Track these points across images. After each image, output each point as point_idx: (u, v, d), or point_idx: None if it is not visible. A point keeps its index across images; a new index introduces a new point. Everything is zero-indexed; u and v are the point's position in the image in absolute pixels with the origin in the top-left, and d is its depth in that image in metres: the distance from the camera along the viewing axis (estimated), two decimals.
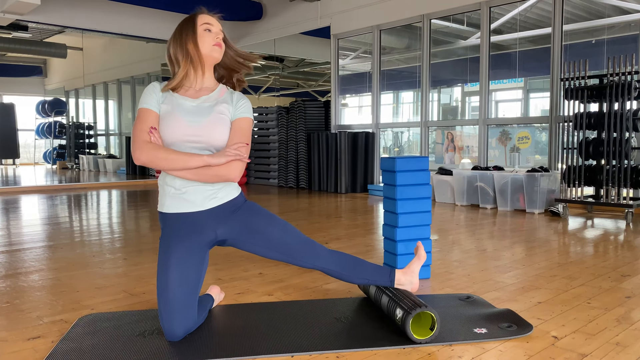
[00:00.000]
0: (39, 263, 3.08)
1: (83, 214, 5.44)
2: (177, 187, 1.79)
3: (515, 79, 7.98)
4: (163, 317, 1.77)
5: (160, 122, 1.79)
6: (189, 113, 1.80)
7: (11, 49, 11.96)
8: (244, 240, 1.87)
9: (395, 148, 8.48)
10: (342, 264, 1.97)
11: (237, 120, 1.84)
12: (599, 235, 4.04)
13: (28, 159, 16.17)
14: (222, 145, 1.81)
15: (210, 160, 1.73)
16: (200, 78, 1.89)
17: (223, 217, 1.84)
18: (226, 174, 1.76)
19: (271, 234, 1.89)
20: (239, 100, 1.88)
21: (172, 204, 1.81)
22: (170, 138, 1.77)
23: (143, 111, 1.80)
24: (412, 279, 2.04)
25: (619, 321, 2.00)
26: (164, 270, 1.78)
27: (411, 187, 2.63)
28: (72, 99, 15.33)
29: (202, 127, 1.78)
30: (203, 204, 1.81)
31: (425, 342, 1.76)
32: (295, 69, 10.30)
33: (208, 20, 1.88)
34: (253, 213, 1.90)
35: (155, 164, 1.73)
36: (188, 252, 1.80)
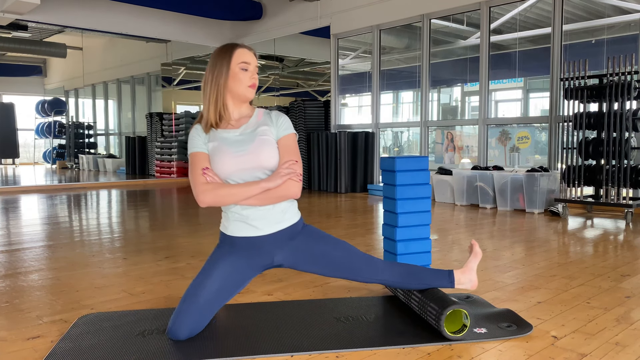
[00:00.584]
0: (38, 263, 3.08)
1: (83, 214, 5.44)
2: (241, 212, 1.85)
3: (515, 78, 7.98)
4: (177, 315, 1.78)
5: (212, 160, 1.84)
6: (235, 144, 1.84)
7: (11, 48, 11.96)
8: (303, 264, 1.93)
9: (395, 148, 8.48)
10: (401, 274, 2.00)
11: (283, 139, 1.89)
12: (598, 235, 4.04)
13: (28, 159, 16.17)
14: (274, 165, 1.85)
15: (268, 185, 1.79)
16: (237, 109, 1.92)
17: (282, 243, 1.88)
18: (286, 193, 1.83)
19: (330, 256, 1.93)
20: (278, 119, 1.92)
21: (237, 228, 1.86)
22: (224, 172, 1.82)
23: (193, 155, 1.85)
24: (471, 277, 2.06)
25: (619, 321, 2.00)
26: (205, 276, 1.82)
27: (411, 186, 2.63)
28: (72, 98, 15.34)
29: (250, 154, 1.82)
30: (266, 229, 1.85)
31: (458, 340, 1.77)
32: (295, 68, 10.30)
33: (245, 57, 1.87)
34: (312, 238, 1.95)
35: (219, 202, 1.79)
36: (236, 269, 1.85)
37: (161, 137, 10.53)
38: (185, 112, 10.26)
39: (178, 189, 8.26)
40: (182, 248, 3.50)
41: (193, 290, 1.81)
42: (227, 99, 1.87)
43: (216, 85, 1.85)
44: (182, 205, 6.28)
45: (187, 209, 5.91)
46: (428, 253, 2.70)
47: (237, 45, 1.88)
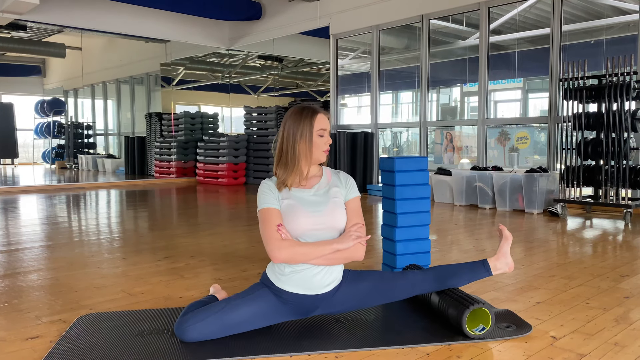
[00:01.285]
0: (37, 263, 3.08)
1: (82, 214, 5.44)
2: (298, 270, 1.86)
3: (514, 79, 7.99)
4: (196, 321, 1.78)
5: (285, 217, 1.86)
6: (310, 204, 1.89)
7: (10, 48, 11.95)
8: (340, 310, 1.96)
9: (395, 148, 8.49)
10: (437, 279, 2.01)
11: (351, 202, 1.96)
12: (597, 236, 4.04)
13: (27, 159, 16.16)
14: (342, 226, 1.90)
15: (340, 246, 1.84)
16: (308, 170, 1.96)
17: (326, 300, 1.91)
18: (354, 255, 1.87)
19: (369, 292, 1.96)
20: (347, 182, 1.99)
21: (289, 284, 1.87)
22: (298, 231, 1.85)
23: (266, 211, 1.86)
24: (507, 260, 2.07)
25: (618, 321, 2.00)
26: (244, 302, 1.84)
27: (410, 187, 2.63)
28: (71, 98, 15.32)
29: (324, 215, 1.87)
30: (318, 289, 1.88)
31: (479, 338, 1.78)
32: (294, 69, 10.30)
33: (323, 125, 1.91)
34: (351, 284, 1.95)
35: (295, 260, 1.82)
36: (276, 311, 1.87)
37: (160, 137, 10.52)
38: (184, 112, 10.26)
39: (177, 189, 8.26)
40: (181, 248, 3.50)
41: (227, 309, 1.82)
42: (300, 163, 1.91)
43: (298, 149, 1.89)
44: (181, 205, 6.28)
45: (186, 209, 5.91)
46: (427, 253, 2.70)
47: (318, 110, 1.93)
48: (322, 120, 1.91)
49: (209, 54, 10.85)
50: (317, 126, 1.89)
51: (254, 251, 3.36)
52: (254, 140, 8.90)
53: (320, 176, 1.98)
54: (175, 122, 10.37)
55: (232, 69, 11.03)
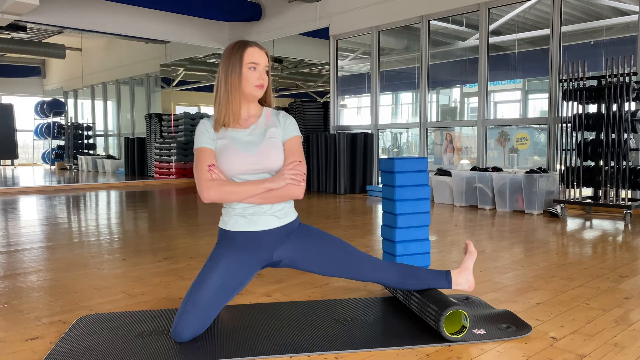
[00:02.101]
0: (37, 264, 3.08)
1: (82, 215, 5.44)
2: (242, 207, 1.87)
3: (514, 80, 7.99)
4: (180, 316, 1.78)
5: (219, 157, 1.86)
6: (244, 144, 1.87)
7: (10, 49, 11.95)
8: (302, 261, 1.94)
9: (394, 149, 8.49)
10: (400, 274, 2.01)
11: (289, 141, 1.93)
12: (597, 236, 4.04)
13: (27, 160, 16.16)
14: (279, 166, 1.89)
15: (272, 185, 1.83)
16: (245, 108, 1.94)
17: (280, 240, 1.91)
18: (289, 194, 1.86)
19: (328, 254, 1.96)
20: (285, 121, 1.96)
21: (237, 224, 1.89)
22: (231, 171, 1.85)
23: (200, 151, 1.87)
24: (468, 276, 2.07)
25: (618, 322, 2.00)
26: (206, 273, 1.83)
27: (410, 188, 2.63)
28: (71, 99, 15.33)
29: (258, 155, 1.86)
30: (264, 225, 1.88)
31: (458, 341, 1.77)
32: (294, 69, 10.30)
33: (255, 58, 1.88)
34: (309, 235, 1.97)
35: (224, 199, 1.82)
36: (238, 264, 1.87)
37: (160, 138, 10.52)
38: (184, 113, 10.25)
39: (177, 190, 8.25)
40: (181, 249, 3.50)
41: (195, 290, 1.81)
42: (235, 98, 1.88)
43: (229, 85, 1.86)
44: (181, 206, 6.28)
45: (186, 209, 5.91)
46: (427, 254, 2.70)
47: (248, 44, 1.89)
48: (253, 53, 1.87)
49: (209, 55, 10.85)
50: (248, 59, 1.85)
51: None
52: None
53: (259, 116, 1.94)
54: (175, 123, 10.37)
55: None
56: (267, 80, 1.91)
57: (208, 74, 11.89)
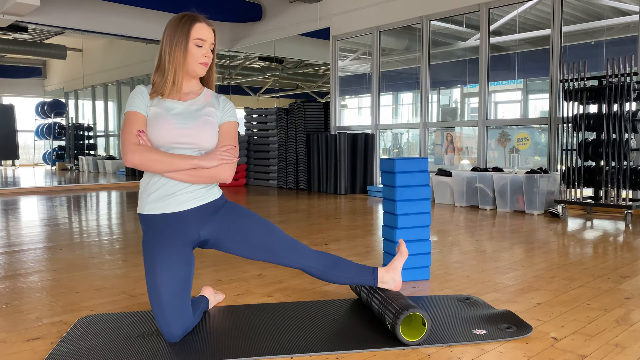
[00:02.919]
0: (38, 264, 3.08)
1: (82, 215, 5.44)
2: (159, 189, 1.81)
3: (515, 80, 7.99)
4: (159, 319, 1.77)
5: (149, 125, 1.80)
6: (178, 116, 1.82)
7: (11, 50, 11.96)
8: (226, 240, 1.88)
9: (395, 149, 8.48)
10: (325, 263, 1.98)
11: (225, 124, 1.89)
12: (598, 237, 4.04)
13: (27, 160, 16.17)
14: (212, 147, 1.84)
15: (202, 163, 1.77)
16: (186, 83, 1.90)
17: (205, 218, 1.85)
18: (218, 176, 1.81)
19: (253, 233, 1.90)
20: (225, 105, 1.93)
21: (155, 206, 1.82)
22: (160, 140, 1.79)
23: (131, 114, 1.80)
24: (395, 276, 2.04)
25: (619, 322, 2.00)
26: (151, 273, 1.79)
27: (410, 188, 2.63)
28: (72, 100, 15.33)
29: (191, 130, 1.81)
30: (185, 204, 1.82)
31: (417, 344, 1.75)
32: (295, 70, 10.31)
33: (202, 34, 1.84)
34: (235, 213, 1.92)
35: (147, 166, 1.75)
36: (173, 252, 1.80)
37: None
38: None
39: None
40: None
41: (152, 294, 1.77)
42: (177, 71, 1.84)
43: (172, 57, 1.83)
44: None
45: None
46: (428, 254, 2.70)
47: (197, 18, 1.85)
48: (201, 29, 1.83)
49: None
50: (195, 35, 1.83)
51: None
52: (254, 141, 8.91)
53: (199, 94, 1.91)
54: None
55: (232, 70, 11.03)
56: (211, 58, 1.87)
57: None
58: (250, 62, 10.92)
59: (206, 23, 1.87)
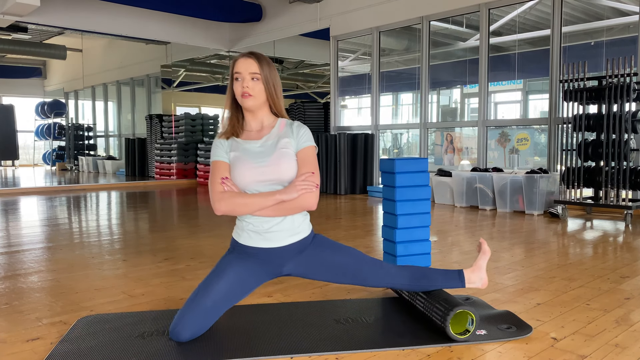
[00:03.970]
0: (38, 264, 3.08)
1: (82, 216, 5.44)
2: (254, 223, 1.86)
3: (515, 80, 7.99)
4: (181, 317, 1.78)
5: (232, 169, 1.87)
6: (256, 155, 1.87)
7: (11, 50, 11.96)
8: (309, 273, 1.95)
9: (395, 149, 8.48)
10: (410, 277, 2.00)
11: (302, 151, 1.90)
12: (598, 237, 4.04)
13: (27, 161, 16.16)
14: (292, 177, 1.87)
15: (282, 197, 1.81)
16: (254, 120, 1.94)
17: (293, 255, 1.90)
18: (302, 205, 1.85)
19: (339, 264, 1.95)
20: (299, 131, 1.93)
21: (250, 239, 1.88)
22: (242, 182, 1.85)
23: (214, 164, 1.89)
24: (481, 274, 2.07)
25: (618, 322, 2.00)
26: (214, 279, 1.84)
27: (410, 188, 2.64)
28: (72, 100, 15.33)
29: (269, 166, 1.85)
30: (277, 242, 1.87)
31: (464, 341, 1.78)
32: (295, 70, 10.31)
33: (237, 67, 1.88)
34: (321, 248, 1.96)
35: (235, 212, 1.82)
36: (248, 274, 1.87)
37: (161, 139, 10.53)
38: (185, 113, 10.26)
39: (178, 190, 8.26)
40: (181, 250, 3.50)
41: (201, 292, 1.81)
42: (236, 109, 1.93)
43: (227, 98, 1.92)
44: (182, 207, 6.28)
45: (186, 210, 5.91)
46: (428, 255, 2.71)
47: (240, 55, 1.90)
48: (239, 63, 1.87)
49: (209, 56, 10.86)
50: (233, 71, 1.88)
51: None
52: None
53: (273, 127, 1.93)
54: (175, 123, 10.37)
55: None
56: (254, 88, 1.86)
57: (209, 75, 11.90)
58: None
59: (245, 56, 1.89)
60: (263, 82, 1.87)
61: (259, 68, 1.86)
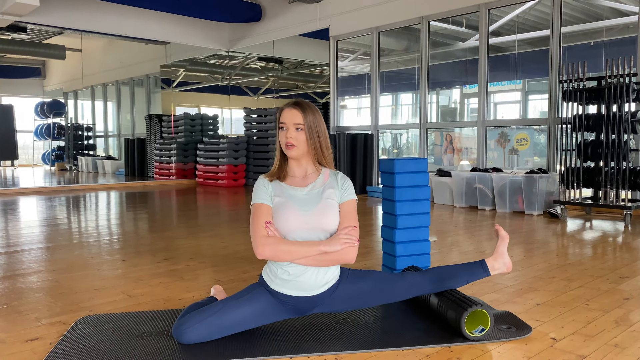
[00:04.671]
0: (37, 264, 3.08)
1: (82, 216, 5.44)
2: (291, 272, 1.86)
3: (514, 80, 7.99)
4: (194, 322, 1.78)
5: (275, 214, 1.87)
6: (301, 202, 1.88)
7: (10, 50, 11.96)
8: (341, 307, 1.95)
9: (394, 150, 8.48)
10: (434, 280, 2.00)
11: (345, 204, 1.93)
12: (597, 237, 4.04)
13: (27, 161, 16.15)
14: (334, 228, 1.88)
15: (327, 249, 1.82)
16: (299, 167, 1.96)
17: (323, 300, 1.91)
18: (342, 258, 1.85)
19: (365, 292, 1.95)
20: (343, 183, 1.97)
21: (283, 286, 1.87)
22: (286, 228, 1.85)
23: (257, 206, 1.88)
24: (505, 260, 2.07)
25: (618, 323, 2.00)
26: (242, 301, 1.84)
27: (410, 188, 2.63)
28: (71, 100, 15.32)
29: (314, 215, 1.86)
30: (311, 292, 1.87)
31: (479, 339, 1.78)
32: (294, 70, 10.31)
33: (282, 118, 1.90)
34: (346, 285, 1.94)
35: (277, 258, 1.82)
36: (274, 310, 1.87)
37: (160, 139, 10.52)
38: (184, 113, 10.26)
39: (177, 190, 8.25)
40: (181, 250, 3.50)
41: (225, 308, 1.82)
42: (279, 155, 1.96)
43: (276, 145, 1.96)
44: (181, 207, 6.28)
45: (186, 210, 5.91)
46: (427, 255, 2.70)
47: (286, 105, 1.93)
48: (285, 114, 1.90)
49: (209, 56, 10.86)
50: (279, 120, 1.91)
51: (253, 253, 3.35)
52: (253, 141, 8.91)
53: (318, 176, 1.96)
54: (175, 123, 10.37)
55: (232, 71, 11.04)
56: (297, 138, 1.88)
57: (208, 75, 11.89)
58: (249, 63, 10.92)
59: (290, 106, 1.91)
60: (306, 132, 1.89)
61: (303, 119, 1.88)
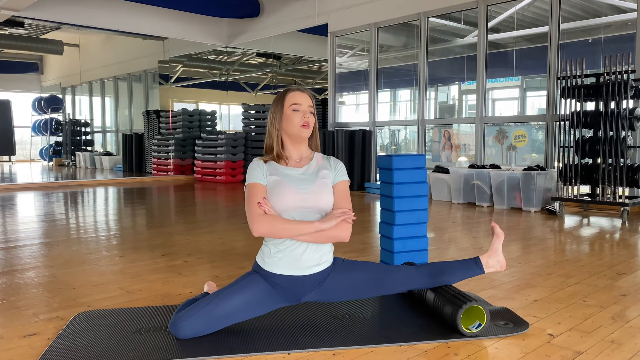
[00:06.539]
0: (35, 260, 3.07)
1: (79, 211, 5.43)
2: (285, 250, 1.88)
3: (512, 77, 7.99)
4: (188, 316, 1.79)
5: (271, 192, 1.89)
6: (297, 181, 1.91)
7: (7, 45, 11.91)
8: (335, 297, 1.96)
9: (392, 146, 8.48)
10: (429, 275, 2.02)
11: (338, 184, 1.99)
12: (594, 234, 4.05)
13: (24, 156, 16.12)
14: (328, 207, 1.92)
15: (322, 226, 1.85)
16: (296, 150, 2.00)
17: (315, 284, 1.92)
18: (337, 236, 1.88)
19: (359, 282, 1.97)
20: (336, 165, 2.03)
21: (276, 265, 1.88)
22: (282, 206, 1.87)
23: (252, 186, 1.90)
24: (499, 258, 2.08)
25: (614, 319, 2.01)
26: (235, 291, 1.85)
27: (408, 185, 2.64)
28: (69, 95, 15.28)
29: (310, 193, 1.90)
30: (305, 270, 1.88)
31: (475, 335, 1.79)
32: (293, 66, 10.30)
33: (296, 99, 1.95)
34: (340, 273, 1.96)
35: (273, 235, 1.84)
36: (268, 296, 1.88)
37: (158, 135, 10.51)
38: (182, 109, 10.24)
39: (175, 186, 8.25)
40: (179, 246, 3.50)
41: (217, 300, 1.82)
42: (285, 139, 1.97)
43: (274, 127, 1.97)
44: (179, 202, 6.28)
45: (184, 206, 5.90)
46: (425, 251, 2.71)
47: (290, 89, 1.98)
48: (295, 96, 1.95)
49: (207, 52, 10.84)
50: (289, 102, 1.95)
51: (251, 248, 3.36)
52: (252, 137, 8.90)
53: (312, 159, 2.02)
54: (173, 119, 10.35)
55: (230, 67, 11.01)
56: (310, 120, 1.96)
57: (206, 71, 11.87)
58: (247, 58, 10.90)
59: (302, 91, 1.98)
60: (315, 117, 1.99)
61: (313, 103, 1.99)
